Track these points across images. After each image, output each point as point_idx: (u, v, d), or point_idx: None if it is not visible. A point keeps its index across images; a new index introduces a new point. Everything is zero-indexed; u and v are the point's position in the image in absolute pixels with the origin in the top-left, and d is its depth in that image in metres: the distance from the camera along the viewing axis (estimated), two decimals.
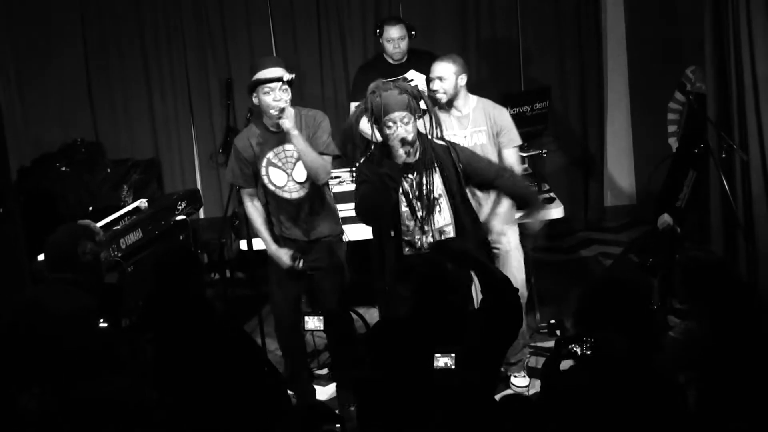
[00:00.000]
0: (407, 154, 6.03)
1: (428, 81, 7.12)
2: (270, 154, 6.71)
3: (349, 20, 10.12)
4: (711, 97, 7.54)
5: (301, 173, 6.71)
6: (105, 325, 5.49)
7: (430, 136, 6.26)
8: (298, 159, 6.64)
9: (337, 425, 5.05)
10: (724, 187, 7.33)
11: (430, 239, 6.20)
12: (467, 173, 6.31)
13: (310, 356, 7.51)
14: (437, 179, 6.21)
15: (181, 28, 10.03)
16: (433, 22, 10.01)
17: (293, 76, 6.59)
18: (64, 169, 9.34)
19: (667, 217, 7.98)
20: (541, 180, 8.43)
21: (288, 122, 6.45)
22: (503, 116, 7.15)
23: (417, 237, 6.23)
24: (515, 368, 7.35)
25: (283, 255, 6.80)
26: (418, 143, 6.15)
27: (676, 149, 8.81)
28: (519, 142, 7.20)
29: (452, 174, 6.24)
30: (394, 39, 8.42)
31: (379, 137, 6.20)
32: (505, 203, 6.90)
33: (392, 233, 6.23)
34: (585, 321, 4.78)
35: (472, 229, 6.33)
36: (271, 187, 6.76)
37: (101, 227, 6.89)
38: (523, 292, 7.13)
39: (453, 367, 4.78)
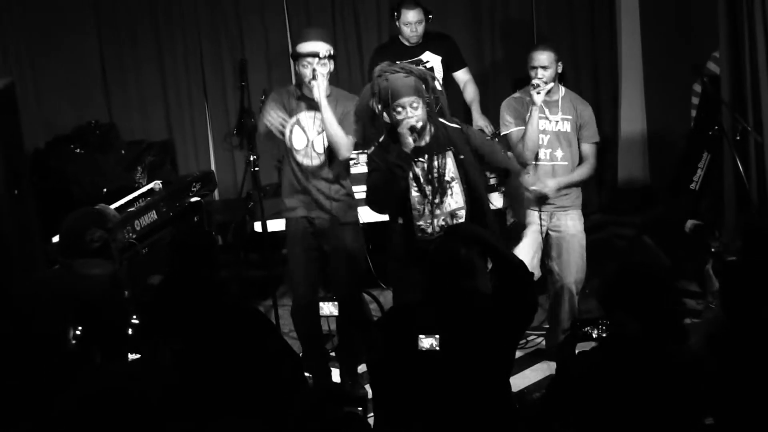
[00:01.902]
0: (416, 141, 6.03)
1: (530, 69, 7.07)
2: (301, 115, 6.87)
3: (363, 2, 10.11)
4: (725, 79, 7.55)
5: (321, 143, 6.82)
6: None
7: (441, 119, 6.24)
8: (322, 131, 6.76)
9: (359, 408, 5.06)
10: (738, 169, 7.34)
11: (442, 223, 6.18)
12: (479, 156, 6.31)
13: (325, 339, 7.52)
14: (450, 162, 6.19)
15: (194, 10, 10.03)
16: (446, 4, 9.97)
17: (331, 50, 6.81)
18: (78, 150, 9.36)
19: (690, 223, 7.99)
20: None
21: (318, 91, 6.60)
22: (588, 111, 7.29)
23: (428, 221, 6.18)
24: None
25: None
26: (429, 126, 6.14)
27: (690, 131, 8.79)
28: (598, 139, 7.32)
29: (469, 156, 6.23)
30: (412, 23, 8.40)
31: (388, 121, 6.19)
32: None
33: (401, 221, 6.22)
34: (609, 304, 4.77)
35: (486, 214, 6.33)
36: (289, 144, 6.87)
37: (116, 209, 6.92)
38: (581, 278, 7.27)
39: (437, 348, 4.77)
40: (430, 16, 8.53)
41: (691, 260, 7.99)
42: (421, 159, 6.15)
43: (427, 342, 4.80)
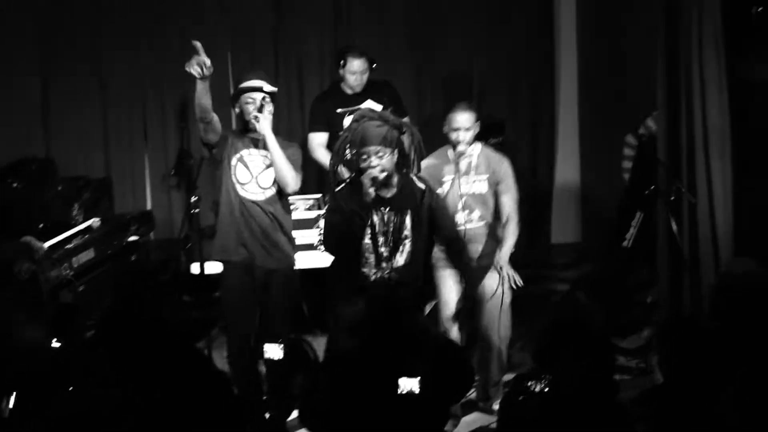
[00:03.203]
0: (376, 191, 6.10)
1: (451, 131, 7.04)
2: (244, 151, 6.90)
3: (306, 47, 10.18)
4: (662, 140, 7.68)
5: (266, 179, 6.87)
6: (57, 344, 5.49)
7: (411, 174, 6.32)
8: (267, 167, 6.83)
9: None
10: (671, 228, 7.47)
11: (386, 275, 6.25)
12: (431, 222, 6.38)
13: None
14: (407, 220, 6.26)
15: (137, 49, 10.02)
16: (388, 52, 10.05)
17: (275, 89, 6.90)
18: (15, 185, 9.28)
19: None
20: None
21: (264, 123, 6.67)
22: (504, 165, 7.19)
23: (373, 271, 6.25)
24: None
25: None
26: (396, 179, 6.21)
27: (624, 190, 8.91)
28: (516, 194, 7.22)
29: (424, 219, 6.31)
30: (357, 72, 8.43)
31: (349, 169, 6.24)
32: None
33: (353, 264, 6.26)
34: (544, 359, 4.83)
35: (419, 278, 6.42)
36: (233, 180, 6.88)
37: (53, 245, 6.89)
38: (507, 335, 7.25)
39: (417, 392, 4.80)
40: (375, 65, 8.58)
41: (624, 317, 8.10)
42: (382, 209, 6.21)
43: (407, 385, 4.83)
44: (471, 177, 7.12)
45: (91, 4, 9.89)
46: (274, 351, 5.92)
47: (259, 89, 6.81)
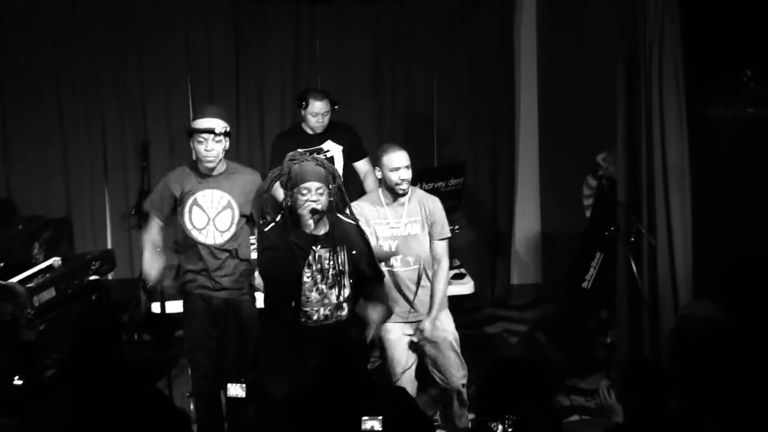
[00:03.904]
0: (315, 223, 6.13)
1: (391, 171, 6.96)
2: (198, 194, 6.92)
3: (267, 84, 10.21)
4: (622, 181, 7.74)
5: (223, 221, 6.91)
6: (20, 382, 5.48)
7: (339, 214, 6.33)
8: (224, 208, 6.88)
9: None
10: (631, 270, 7.52)
11: (327, 312, 6.23)
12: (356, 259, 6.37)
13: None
14: (342, 256, 6.26)
15: (98, 87, 9.98)
16: (350, 93, 10.10)
17: (227, 128, 6.91)
18: None
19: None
20: (451, 256, 8.49)
21: None
22: (437, 207, 7.16)
23: (315, 309, 6.23)
24: None
25: (154, 269, 7.00)
26: (326, 218, 6.23)
27: (583, 230, 8.95)
28: (449, 234, 7.22)
29: (360, 252, 6.32)
30: (320, 113, 8.41)
31: (289, 204, 6.23)
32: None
33: (293, 303, 6.22)
34: (488, 398, 4.87)
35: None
36: (189, 226, 6.92)
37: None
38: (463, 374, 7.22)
39: (380, 430, 4.82)
40: (336, 107, 8.59)
41: (584, 358, 8.15)
42: (316, 247, 6.21)
43: (369, 424, 4.85)
44: (403, 219, 7.09)
45: (49, 38, 9.85)
46: (236, 390, 5.92)
47: (211, 131, 6.82)
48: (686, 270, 7.52)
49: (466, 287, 8.11)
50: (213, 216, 6.91)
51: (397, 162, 6.96)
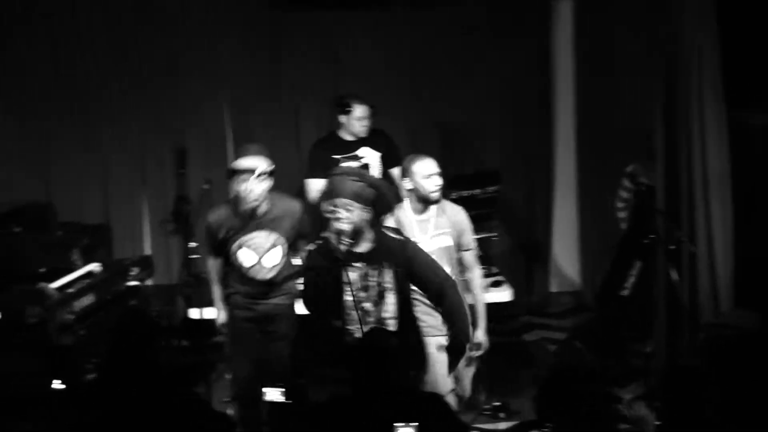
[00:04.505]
0: (344, 245, 6.04)
1: (424, 179, 6.82)
2: (244, 238, 6.86)
3: (303, 91, 10.22)
4: (661, 189, 7.70)
5: (271, 259, 6.88)
6: (61, 386, 5.48)
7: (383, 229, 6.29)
8: (270, 247, 6.83)
9: None
10: (670, 278, 7.47)
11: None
12: (411, 275, 6.30)
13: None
14: (386, 273, 6.22)
15: (137, 95, 10.06)
16: (383, 102, 10.06)
17: (270, 168, 6.79)
18: (16, 229, 9.28)
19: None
20: (489, 263, 8.48)
21: None
22: (463, 218, 7.03)
23: (357, 326, 6.14)
24: None
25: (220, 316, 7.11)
26: (369, 234, 6.18)
27: (621, 239, 8.91)
28: (474, 246, 7.10)
29: (402, 271, 6.25)
30: (363, 117, 8.46)
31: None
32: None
33: (335, 322, 6.21)
34: (546, 407, 4.84)
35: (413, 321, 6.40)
36: (237, 265, 6.92)
37: (55, 289, 6.91)
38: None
39: None
40: (374, 107, 8.59)
41: (622, 366, 8.10)
42: (358, 265, 6.18)
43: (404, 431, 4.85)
44: (429, 232, 6.93)
45: (92, 53, 9.96)
46: (274, 394, 5.91)
47: (252, 171, 6.71)
48: (727, 277, 7.48)
49: (504, 294, 8.09)
50: (261, 255, 6.89)
51: (431, 169, 6.86)
